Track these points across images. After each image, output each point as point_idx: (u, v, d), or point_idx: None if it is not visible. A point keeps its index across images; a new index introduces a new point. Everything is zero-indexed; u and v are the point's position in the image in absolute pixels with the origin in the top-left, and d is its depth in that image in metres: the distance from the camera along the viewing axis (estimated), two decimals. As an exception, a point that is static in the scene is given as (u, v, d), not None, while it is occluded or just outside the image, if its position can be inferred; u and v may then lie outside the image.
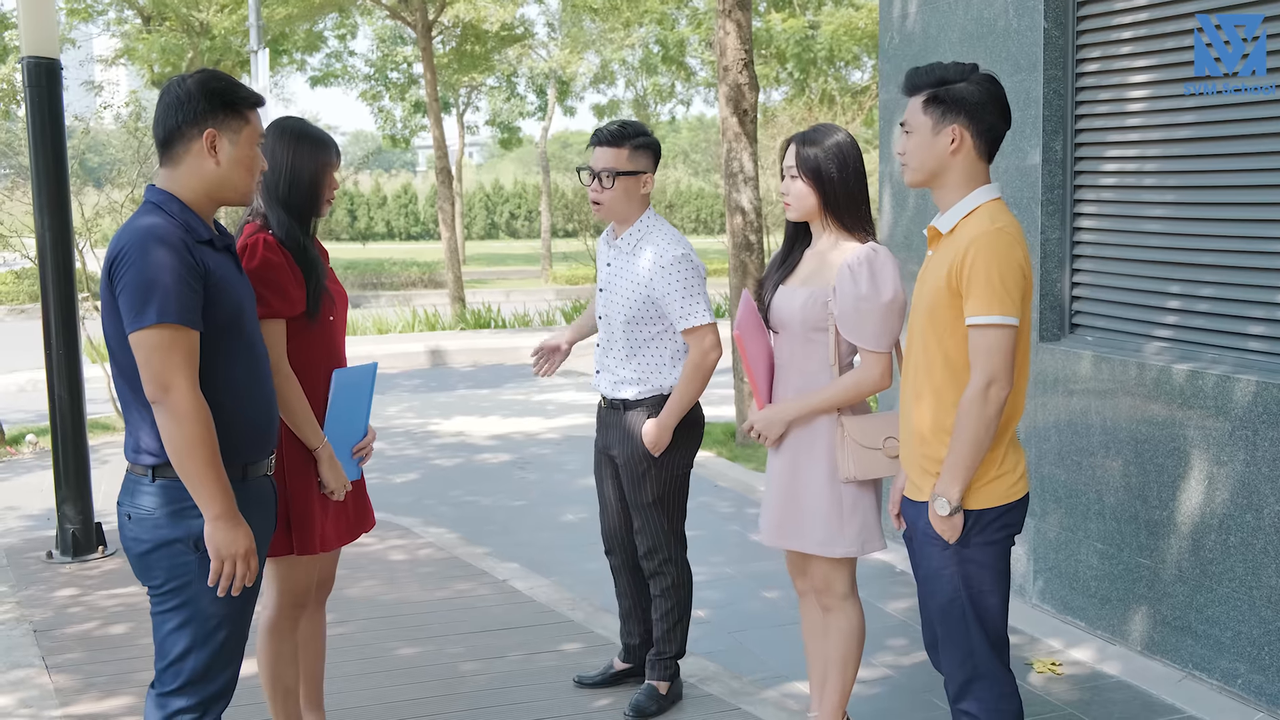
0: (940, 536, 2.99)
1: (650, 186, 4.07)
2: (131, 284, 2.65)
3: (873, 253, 3.46)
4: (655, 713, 4.17)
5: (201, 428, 2.68)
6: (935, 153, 3.00)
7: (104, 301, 2.75)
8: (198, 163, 2.79)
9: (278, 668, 3.60)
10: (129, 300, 2.65)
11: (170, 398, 2.65)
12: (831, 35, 19.24)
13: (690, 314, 3.93)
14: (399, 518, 6.86)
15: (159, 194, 2.80)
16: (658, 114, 31.90)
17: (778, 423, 3.57)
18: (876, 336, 3.44)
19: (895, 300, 3.44)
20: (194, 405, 2.68)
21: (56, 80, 6.06)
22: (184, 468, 2.69)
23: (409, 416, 10.44)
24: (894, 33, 6.04)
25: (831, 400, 3.50)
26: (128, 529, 2.83)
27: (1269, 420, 3.99)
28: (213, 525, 2.72)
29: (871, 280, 3.42)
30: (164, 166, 2.82)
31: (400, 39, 27.16)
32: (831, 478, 3.53)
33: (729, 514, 7.01)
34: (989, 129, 2.99)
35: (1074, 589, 4.92)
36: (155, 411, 2.69)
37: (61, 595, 5.54)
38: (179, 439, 2.67)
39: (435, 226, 40.25)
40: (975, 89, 2.97)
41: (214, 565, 2.74)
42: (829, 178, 3.51)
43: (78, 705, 4.30)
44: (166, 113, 2.79)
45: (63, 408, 6.14)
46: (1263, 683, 4.08)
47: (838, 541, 3.55)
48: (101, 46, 24.76)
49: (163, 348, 2.64)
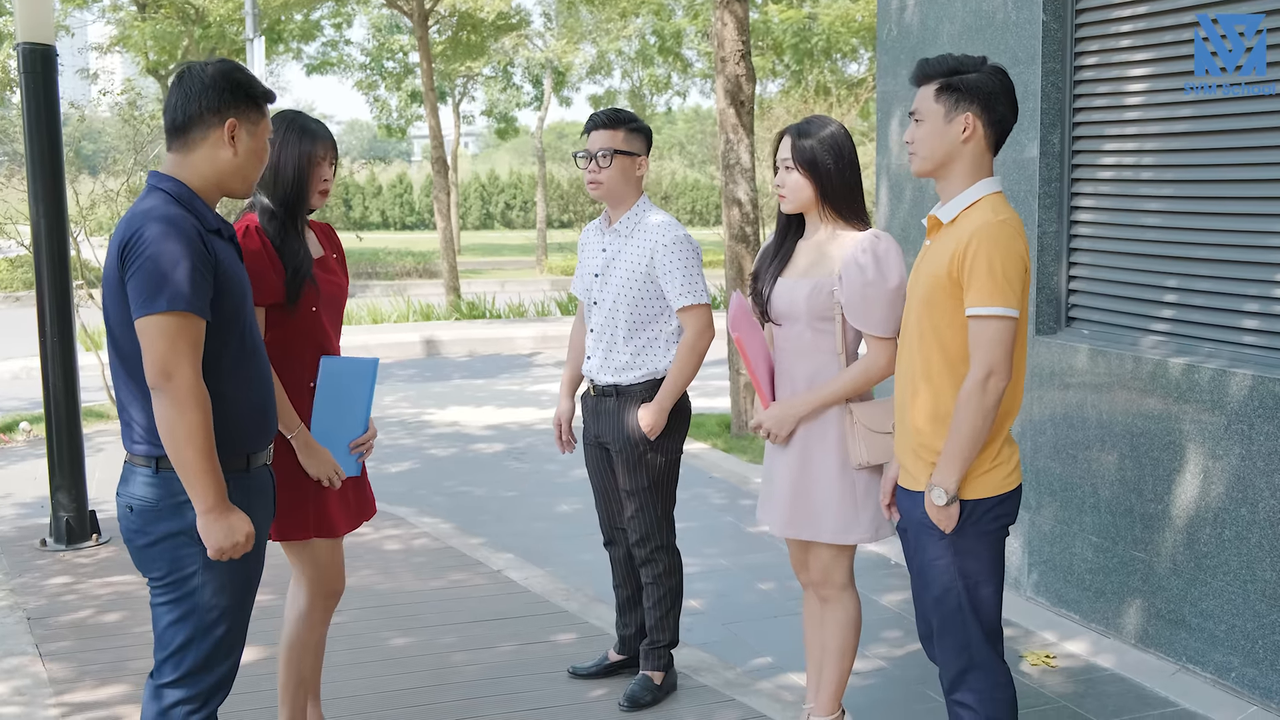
0: (936, 527, 3.00)
1: (644, 170, 4.12)
2: (145, 270, 2.63)
3: (876, 239, 3.49)
4: (650, 703, 4.18)
5: (202, 416, 2.66)
6: (946, 141, 3.01)
7: (109, 284, 2.73)
8: (214, 151, 2.79)
9: (302, 659, 3.65)
10: (141, 285, 2.63)
11: (173, 384, 2.64)
12: (829, 27, 19.22)
13: (688, 292, 3.98)
14: (393, 507, 6.86)
15: (168, 180, 2.77)
16: (654, 105, 31.84)
17: (789, 420, 3.57)
18: (883, 322, 3.46)
19: (902, 286, 3.45)
20: (196, 393, 2.66)
21: (52, 67, 6.03)
22: (180, 456, 2.67)
23: (404, 406, 10.44)
24: (892, 24, 6.03)
25: (841, 392, 3.51)
26: (129, 520, 2.82)
27: (1265, 414, 4.00)
28: (205, 519, 2.70)
29: (877, 266, 3.44)
30: (175, 152, 2.81)
31: (396, 28, 27.06)
32: (843, 466, 3.54)
33: (723, 505, 7.01)
34: (1000, 119, 3.02)
35: (1068, 582, 4.93)
36: (154, 398, 2.67)
37: (55, 583, 5.54)
38: (179, 426, 2.65)
39: (430, 216, 40.18)
40: (988, 79, 2.99)
41: (212, 558, 2.74)
42: (825, 169, 3.51)
43: (72, 694, 4.29)
44: (186, 99, 2.76)
45: (57, 395, 6.13)
46: (1256, 676, 4.10)
47: (852, 529, 3.56)
48: (96, 33, 24.70)
49: (169, 334, 2.63)
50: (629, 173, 4.09)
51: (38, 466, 7.80)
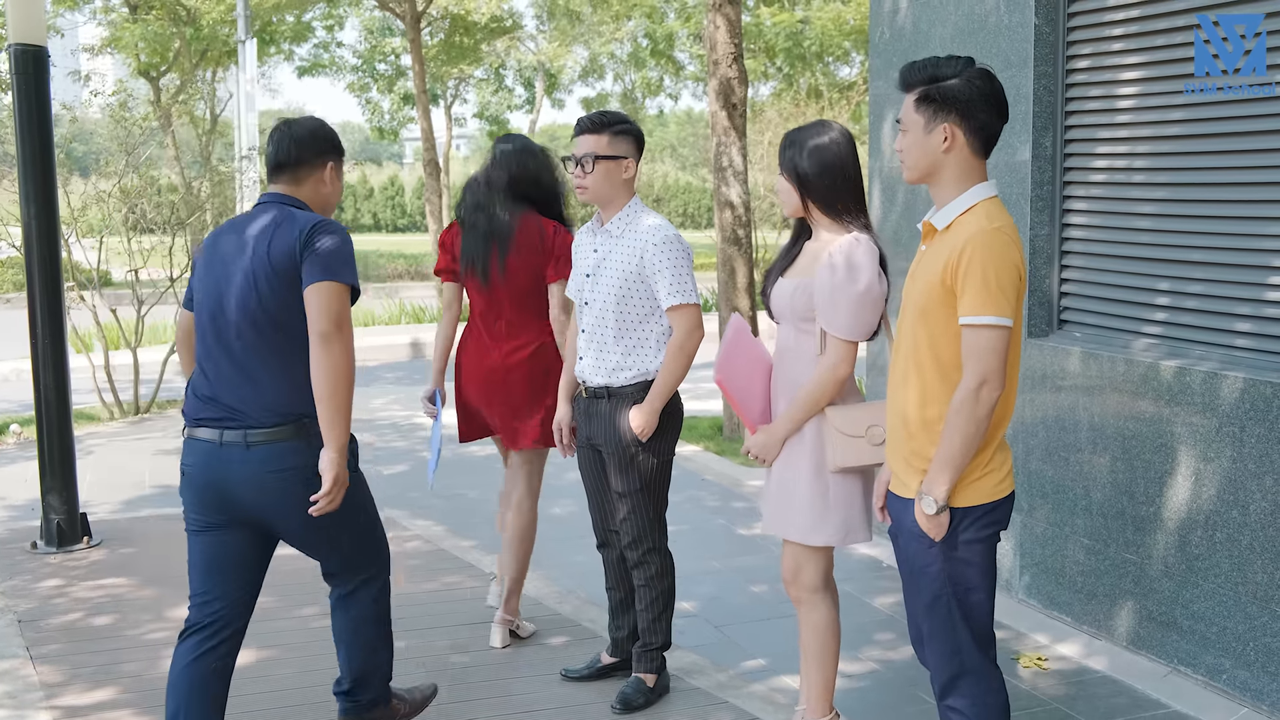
0: (926, 534, 2.99)
1: (632, 172, 4.11)
2: (336, 248, 3.34)
3: (854, 242, 3.50)
4: (642, 705, 4.17)
5: (354, 366, 3.34)
6: (928, 151, 2.99)
7: (263, 270, 3.32)
8: (317, 185, 3.56)
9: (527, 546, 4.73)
10: (331, 258, 3.32)
11: (343, 334, 3.30)
12: (821, 30, 19.25)
13: (678, 291, 3.99)
14: (386, 510, 6.83)
15: (295, 200, 3.49)
16: (645, 108, 31.85)
17: (773, 444, 3.62)
18: (847, 325, 3.47)
19: (869, 291, 3.46)
20: (352, 346, 3.35)
21: (44, 68, 6.02)
22: (335, 398, 3.27)
23: (395, 409, 10.42)
24: (885, 28, 6.04)
25: (808, 403, 3.55)
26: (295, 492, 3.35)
27: (1255, 417, 4.01)
28: (339, 456, 3.30)
29: (848, 268, 3.46)
30: (284, 182, 3.53)
31: (388, 30, 27.05)
32: (817, 468, 3.56)
33: (716, 508, 7.01)
34: (982, 126, 2.96)
35: (1060, 584, 4.94)
36: (322, 345, 3.26)
37: (46, 586, 5.52)
38: (343, 369, 3.29)
39: (422, 219, 40.12)
40: (966, 86, 2.94)
41: (329, 489, 3.30)
42: (804, 176, 3.57)
43: (63, 697, 4.28)
44: (300, 145, 3.53)
45: (48, 397, 6.11)
46: (1248, 678, 4.11)
47: (819, 530, 3.58)
48: (87, 35, 24.64)
49: (342, 298, 3.31)
50: (614, 176, 4.08)
51: (28, 469, 7.77)
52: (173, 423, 9.76)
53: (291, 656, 4.66)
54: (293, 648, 4.75)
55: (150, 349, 11.94)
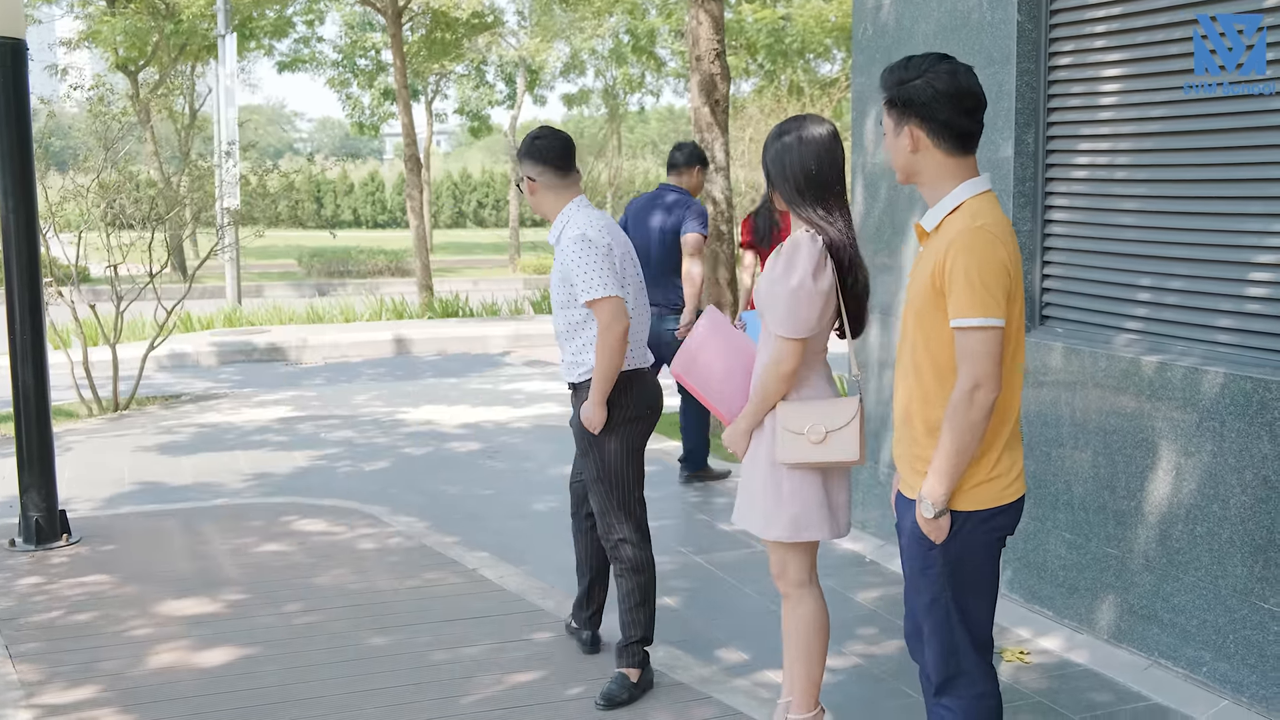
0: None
1: (535, 191, 4.37)
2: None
3: (795, 241, 3.51)
4: (626, 701, 4.18)
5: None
6: (899, 154, 2.99)
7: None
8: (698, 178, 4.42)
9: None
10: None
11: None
12: (803, 27, 19.28)
13: (589, 288, 4.14)
14: (367, 506, 6.82)
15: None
16: (626, 103, 31.84)
17: (740, 437, 3.66)
18: (782, 321, 3.46)
19: (801, 288, 3.43)
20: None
21: (22, 61, 5.97)
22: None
23: (377, 405, 10.39)
24: (868, 24, 6.05)
25: (757, 398, 3.58)
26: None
27: (1236, 412, 4.03)
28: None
29: (786, 264, 3.48)
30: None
31: (369, 25, 26.96)
32: (771, 462, 3.60)
33: (697, 503, 7.01)
34: (946, 124, 2.90)
35: (1042, 578, 4.96)
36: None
37: (25, 584, 5.48)
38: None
39: (403, 215, 40.01)
40: (925, 86, 2.89)
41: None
42: (768, 173, 3.62)
43: (42, 696, 4.25)
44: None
45: (27, 394, 6.07)
46: (1228, 670, 4.13)
47: (772, 525, 3.61)
48: (64, 28, 24.47)
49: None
50: (533, 193, 4.38)
51: (6, 466, 7.72)
52: (152, 419, 9.71)
53: (274, 654, 4.64)
54: (274, 644, 4.73)
55: (129, 345, 11.85)
